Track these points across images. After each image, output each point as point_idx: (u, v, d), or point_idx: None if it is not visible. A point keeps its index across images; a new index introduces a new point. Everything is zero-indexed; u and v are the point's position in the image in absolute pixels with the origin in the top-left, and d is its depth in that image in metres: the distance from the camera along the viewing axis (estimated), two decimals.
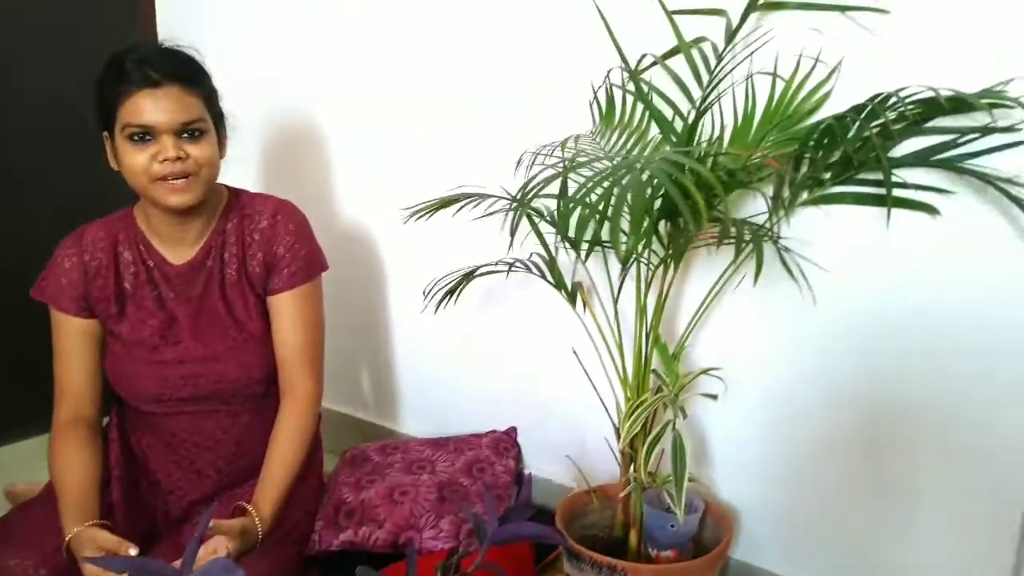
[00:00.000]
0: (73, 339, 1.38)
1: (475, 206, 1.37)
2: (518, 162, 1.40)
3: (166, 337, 1.38)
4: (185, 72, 1.28)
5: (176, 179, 1.25)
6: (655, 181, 0.86)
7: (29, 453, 1.96)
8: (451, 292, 1.43)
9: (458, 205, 1.38)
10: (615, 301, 1.30)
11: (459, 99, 1.63)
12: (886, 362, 1.25)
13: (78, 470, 1.31)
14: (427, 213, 1.39)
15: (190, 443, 1.43)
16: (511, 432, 1.67)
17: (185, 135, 1.26)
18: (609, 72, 1.39)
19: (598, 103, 1.43)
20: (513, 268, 1.40)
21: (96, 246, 1.38)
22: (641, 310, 1.21)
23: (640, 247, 1.16)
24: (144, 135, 1.24)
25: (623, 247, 0.76)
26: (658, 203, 1.11)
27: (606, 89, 1.40)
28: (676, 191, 0.74)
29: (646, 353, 1.21)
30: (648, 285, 1.21)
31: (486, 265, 1.42)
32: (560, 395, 1.61)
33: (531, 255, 1.41)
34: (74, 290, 1.36)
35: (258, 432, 1.44)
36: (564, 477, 1.62)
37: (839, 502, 1.33)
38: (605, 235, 1.29)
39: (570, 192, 1.33)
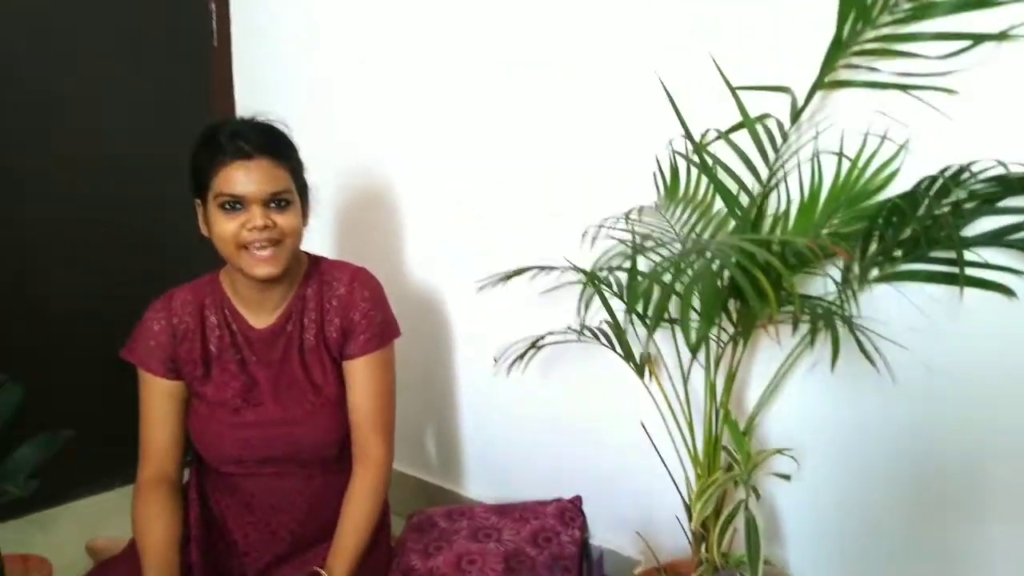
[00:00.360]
0: (159, 400, 1.44)
1: (545, 275, 1.41)
2: (584, 233, 1.43)
3: (247, 399, 1.44)
4: (275, 146, 1.35)
5: (262, 246, 1.32)
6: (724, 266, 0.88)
7: (110, 506, 2.04)
8: (520, 358, 1.46)
9: (528, 275, 1.42)
10: (684, 380, 1.30)
11: (527, 168, 1.69)
12: (962, 437, 1.22)
13: (160, 529, 1.37)
14: (497, 283, 1.43)
15: (266, 504, 1.47)
16: (576, 501, 1.67)
17: (272, 205, 1.33)
18: (671, 143, 1.42)
19: (662, 175, 1.46)
20: (581, 337, 1.43)
21: (184, 310, 1.44)
22: (711, 387, 1.21)
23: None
24: (235, 204, 1.31)
25: (692, 335, 0.78)
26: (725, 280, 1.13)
27: (670, 161, 1.43)
28: (745, 280, 0.76)
29: (717, 430, 1.21)
30: (717, 362, 1.21)
31: (554, 333, 1.45)
32: (626, 466, 1.61)
33: (600, 323, 1.44)
34: (162, 352, 1.42)
35: (331, 494, 1.48)
36: (629, 549, 1.61)
37: None
38: (676, 312, 1.32)
39: (640, 267, 1.36)
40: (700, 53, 1.38)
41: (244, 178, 1.30)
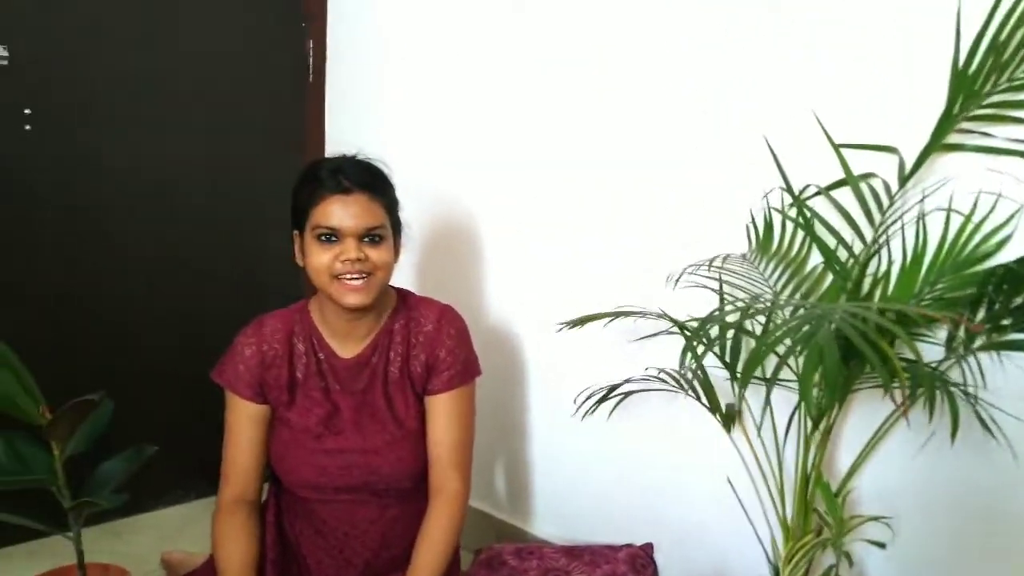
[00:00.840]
0: (245, 423, 1.47)
1: (623, 319, 1.40)
2: (668, 277, 1.42)
3: (329, 427, 1.46)
4: (373, 182, 1.39)
5: (354, 277, 1.35)
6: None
7: (185, 518, 2.09)
8: (598, 404, 1.45)
9: (610, 319, 1.42)
10: (778, 443, 1.27)
11: (609, 211, 1.69)
12: None
13: (239, 549, 1.40)
14: (580, 325, 1.43)
15: (340, 532, 1.48)
16: (647, 549, 1.65)
17: (366, 239, 1.36)
18: (767, 195, 1.41)
19: (755, 226, 1.44)
20: (665, 385, 1.42)
21: (273, 336, 1.48)
22: (805, 447, 1.19)
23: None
24: (331, 236, 1.35)
25: (813, 404, 0.76)
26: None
27: (765, 214, 1.42)
28: (868, 348, 0.75)
29: (809, 492, 1.18)
30: (816, 423, 1.19)
31: (634, 380, 1.44)
32: (703, 519, 1.58)
33: (684, 370, 1.42)
34: (251, 376, 1.46)
35: (405, 526, 1.49)
36: None
37: None
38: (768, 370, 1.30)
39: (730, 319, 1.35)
40: (801, 108, 1.37)
41: (341, 212, 1.34)
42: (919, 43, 1.24)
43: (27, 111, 1.80)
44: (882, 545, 1.26)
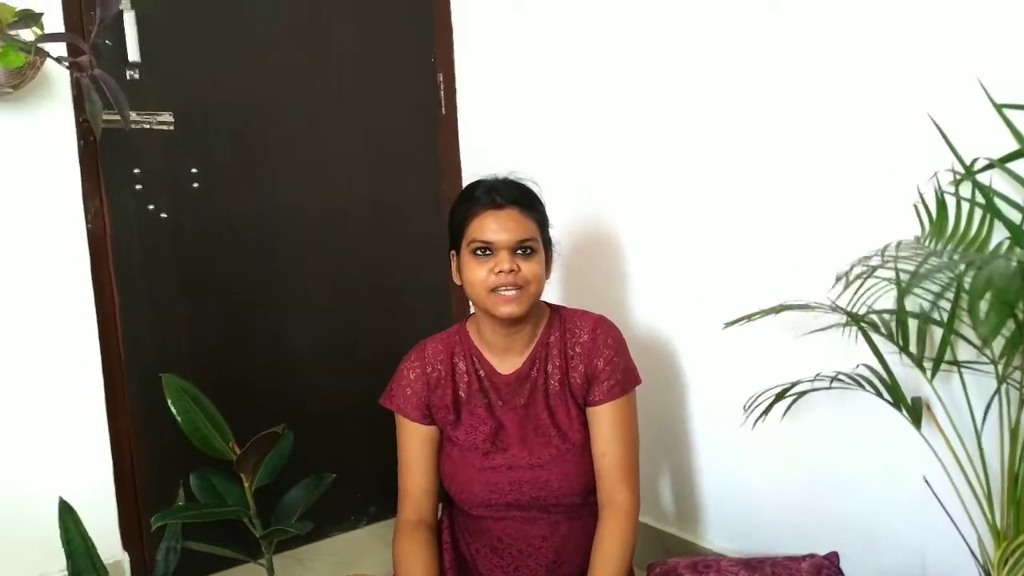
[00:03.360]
0: (417, 445, 1.51)
1: (788, 315, 1.34)
2: (840, 274, 1.35)
3: (496, 443, 1.48)
4: (524, 198, 1.45)
5: (508, 289, 1.39)
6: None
7: (360, 543, 2.17)
8: (766, 411, 1.40)
9: (781, 315, 1.36)
10: (978, 435, 1.18)
11: (764, 204, 1.63)
12: None
13: (420, 569, 1.43)
14: (746, 322, 1.38)
15: (514, 549, 1.49)
16: (832, 558, 1.56)
17: (519, 252, 1.40)
18: (936, 175, 1.32)
19: (926, 207, 1.35)
20: (840, 383, 1.34)
21: (436, 358, 1.52)
22: (1012, 439, 1.09)
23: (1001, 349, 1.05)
24: (485, 250, 1.40)
25: (985, 327, 0.69)
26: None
27: (936, 192, 1.33)
28: None
29: (1020, 488, 1.08)
30: (1020, 408, 1.09)
31: (805, 381, 1.37)
32: (891, 522, 1.48)
33: (857, 366, 1.35)
34: (418, 399, 1.50)
35: (576, 542, 1.49)
36: None
37: None
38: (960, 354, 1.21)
39: (907, 307, 1.27)
40: (964, 76, 1.27)
41: (495, 225, 1.40)
42: None
43: (193, 170, 1.94)
44: None
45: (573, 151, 2.04)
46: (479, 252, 1.41)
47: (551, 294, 1.93)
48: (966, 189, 1.24)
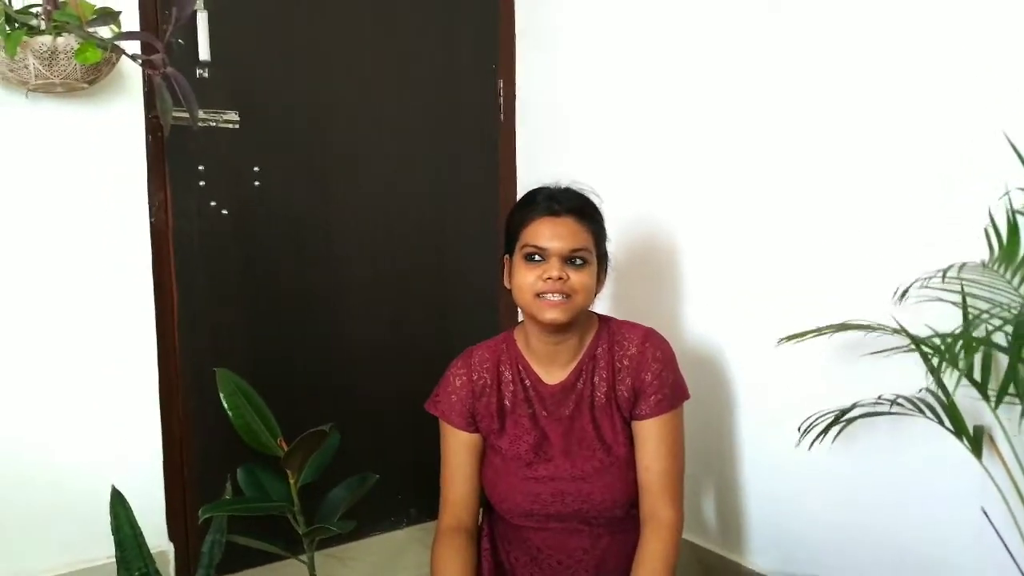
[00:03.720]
0: (459, 451, 1.51)
1: (842, 335, 1.31)
2: (900, 292, 1.32)
3: (539, 454, 1.47)
4: (582, 208, 1.44)
5: (554, 295, 1.38)
6: None
7: (399, 545, 2.18)
8: (823, 433, 1.36)
9: (833, 332, 1.33)
10: None
11: (822, 219, 1.60)
12: None
13: (455, 573, 1.43)
14: (800, 340, 1.35)
15: (554, 560, 1.48)
16: None
17: (570, 262, 1.40)
18: (1008, 194, 1.27)
19: (996, 230, 1.31)
20: (900, 408, 1.30)
21: (482, 366, 1.52)
22: None
23: None
24: (537, 256, 1.40)
25: None
26: None
27: (1008, 215, 1.28)
28: None
29: None
30: None
31: (867, 404, 1.33)
32: (945, 551, 1.43)
33: (920, 391, 1.31)
34: (463, 406, 1.50)
35: (617, 557, 1.47)
36: None
37: None
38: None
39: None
40: None
41: (549, 232, 1.40)
42: None
43: (256, 169, 1.98)
44: None
45: (628, 162, 2.02)
46: (531, 258, 1.41)
47: (601, 305, 1.91)
48: None
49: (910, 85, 1.43)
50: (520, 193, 1.89)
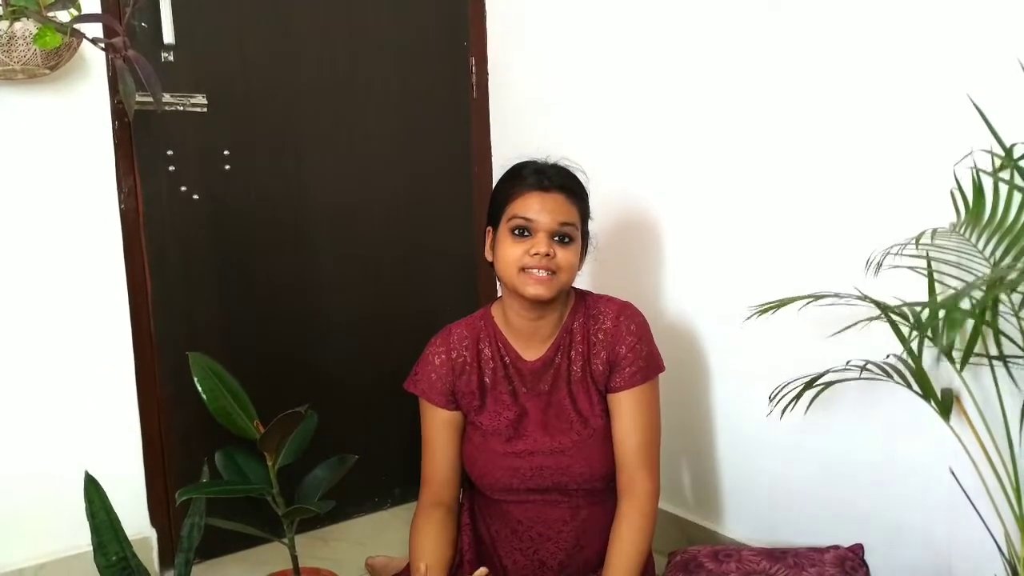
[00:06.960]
0: (440, 429, 1.52)
1: (815, 305, 1.32)
2: (875, 263, 1.33)
3: (518, 429, 1.48)
4: (572, 185, 1.45)
5: (539, 271, 1.38)
6: None
7: (382, 525, 2.19)
8: (795, 399, 1.38)
9: (803, 303, 1.34)
10: (1008, 428, 1.15)
11: (792, 191, 1.61)
12: None
13: (430, 544, 1.44)
14: (775, 309, 1.36)
15: (534, 532, 1.49)
16: (857, 550, 1.54)
17: (557, 238, 1.40)
18: (970, 155, 1.28)
19: (962, 193, 1.32)
20: (869, 373, 1.32)
21: (461, 344, 1.52)
22: None
23: None
24: (525, 230, 1.40)
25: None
26: None
27: (973, 177, 1.29)
28: None
29: None
30: None
31: (837, 370, 1.35)
32: (914, 514, 1.46)
33: (888, 356, 1.32)
34: (443, 384, 1.51)
35: (597, 528, 1.48)
36: None
37: None
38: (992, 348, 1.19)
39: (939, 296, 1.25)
40: (1003, 58, 1.24)
41: (538, 205, 1.40)
42: None
43: (226, 152, 1.97)
44: None
45: (604, 138, 2.02)
46: (518, 232, 1.40)
47: (580, 279, 1.92)
48: (1005, 174, 1.21)
49: (880, 56, 1.43)
50: (496, 170, 1.89)
